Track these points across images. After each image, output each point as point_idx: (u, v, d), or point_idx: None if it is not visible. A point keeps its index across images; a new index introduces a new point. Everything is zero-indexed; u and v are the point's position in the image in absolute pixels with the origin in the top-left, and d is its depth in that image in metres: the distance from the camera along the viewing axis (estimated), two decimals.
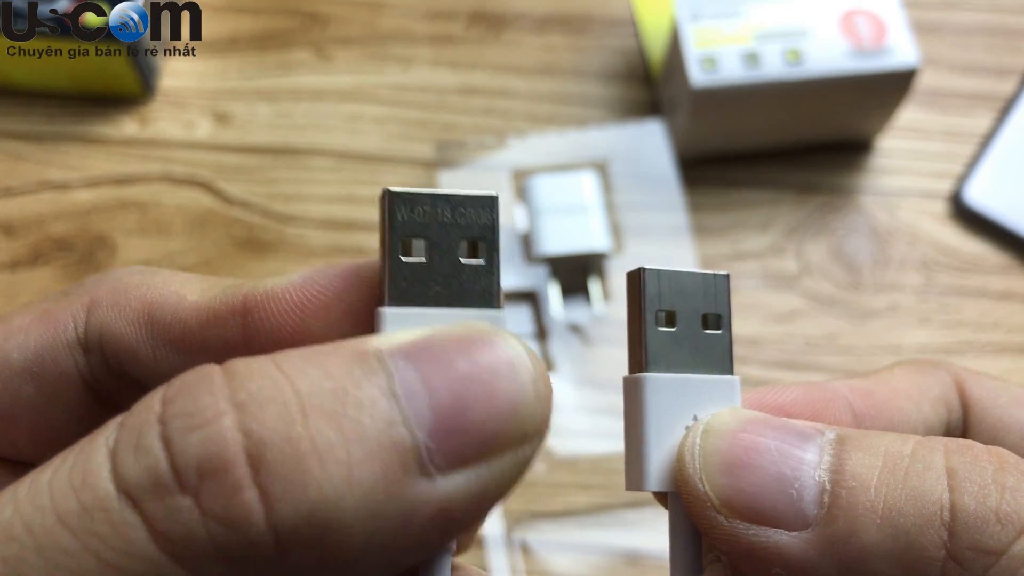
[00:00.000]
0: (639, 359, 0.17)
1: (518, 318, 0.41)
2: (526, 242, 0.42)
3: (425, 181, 0.45)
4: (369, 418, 0.12)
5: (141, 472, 0.11)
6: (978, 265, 0.44)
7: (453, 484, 0.12)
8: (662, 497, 0.17)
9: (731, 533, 0.15)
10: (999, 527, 0.14)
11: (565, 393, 0.40)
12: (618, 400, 0.17)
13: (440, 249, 0.15)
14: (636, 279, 0.17)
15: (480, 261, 0.15)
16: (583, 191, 0.42)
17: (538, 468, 0.38)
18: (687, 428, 0.16)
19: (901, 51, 0.42)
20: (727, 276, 0.17)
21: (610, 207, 0.43)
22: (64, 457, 0.12)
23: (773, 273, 0.43)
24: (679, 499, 0.16)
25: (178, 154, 0.46)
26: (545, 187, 0.42)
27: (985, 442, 0.16)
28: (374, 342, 0.13)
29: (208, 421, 0.11)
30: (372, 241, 0.44)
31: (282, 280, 0.16)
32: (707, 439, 0.15)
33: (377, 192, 0.15)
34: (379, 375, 0.12)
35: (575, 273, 0.42)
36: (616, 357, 0.41)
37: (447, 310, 0.15)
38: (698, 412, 0.17)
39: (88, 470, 0.11)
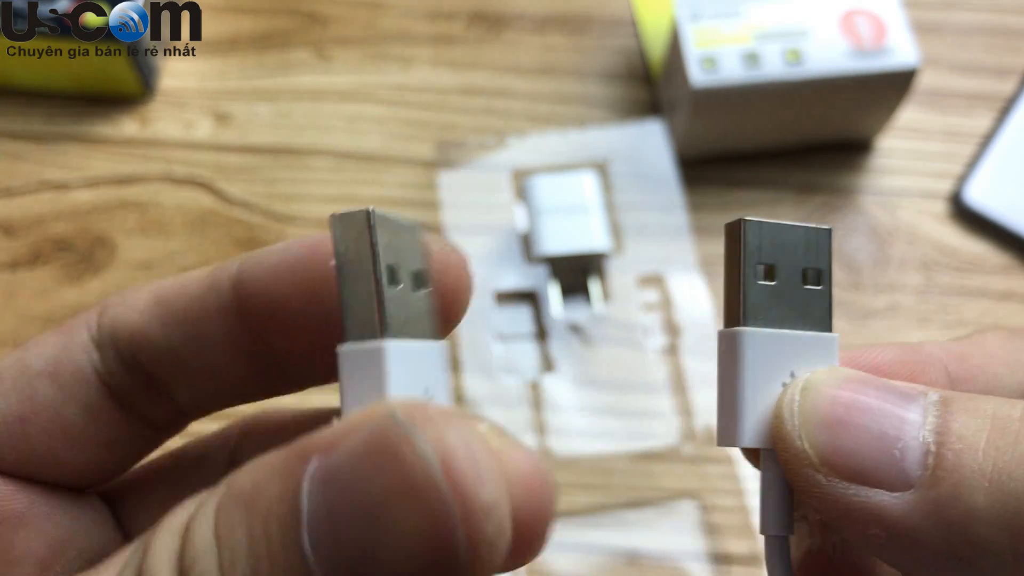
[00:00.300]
0: (736, 312, 0.16)
1: (518, 318, 0.41)
2: (526, 242, 0.42)
3: (425, 181, 0.45)
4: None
5: None
6: (978, 265, 0.44)
7: None
8: (753, 455, 0.17)
9: (829, 492, 0.15)
10: None
11: (565, 393, 0.40)
12: (617, 399, 0.17)
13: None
14: (736, 230, 0.17)
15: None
16: (583, 191, 0.42)
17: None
18: (784, 385, 0.16)
19: (901, 51, 0.42)
20: (830, 230, 0.17)
21: (610, 207, 0.43)
22: None
23: None
24: (774, 457, 0.16)
25: (178, 154, 0.46)
26: (545, 187, 0.42)
27: None
28: (302, 466, 0.12)
29: None
30: None
31: (265, 248, 0.17)
32: (807, 396, 0.15)
33: (377, 192, 0.15)
34: (293, 525, 0.11)
35: (575, 273, 0.42)
36: (616, 357, 0.41)
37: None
38: (796, 369, 0.16)
39: None
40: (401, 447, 0.11)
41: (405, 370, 0.14)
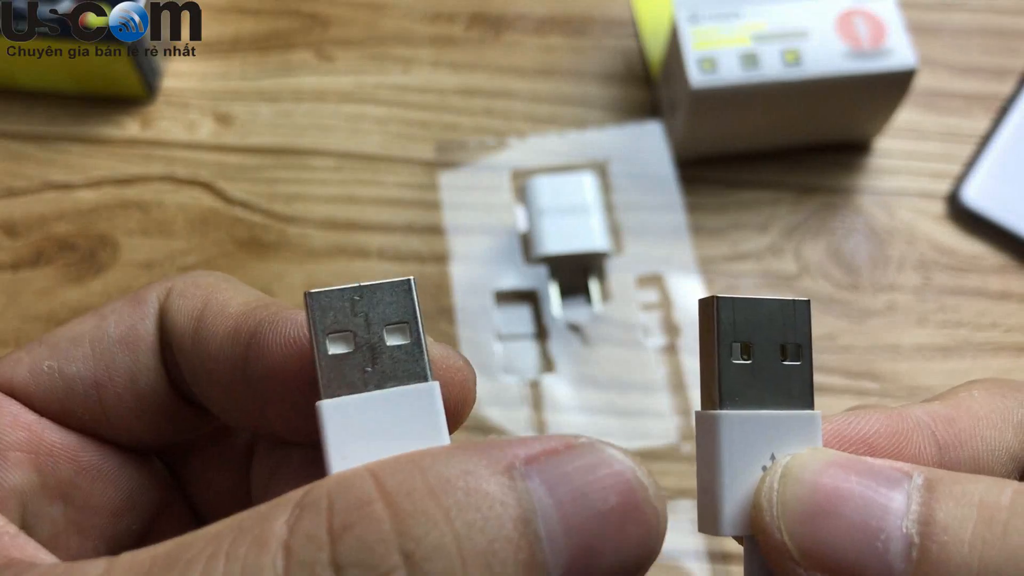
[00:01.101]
0: (713, 394, 0.16)
1: (518, 318, 0.42)
2: (526, 242, 0.42)
3: (426, 181, 0.45)
4: (514, 566, 0.12)
5: None
6: (976, 265, 0.44)
7: None
8: (739, 538, 0.16)
9: None
10: None
11: (565, 393, 0.40)
12: (617, 399, 0.18)
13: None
14: (709, 308, 0.16)
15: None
16: (583, 191, 0.42)
17: None
18: (764, 468, 0.15)
19: (899, 52, 0.42)
20: (807, 303, 0.16)
21: (610, 207, 0.43)
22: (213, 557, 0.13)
23: (772, 273, 0.44)
24: (756, 544, 0.15)
25: (180, 154, 0.46)
26: (545, 187, 0.42)
27: None
28: (511, 460, 0.13)
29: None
30: (372, 241, 0.45)
31: (283, 314, 0.17)
32: (786, 484, 0.15)
33: (378, 192, 0.16)
34: (526, 513, 0.13)
35: (575, 273, 0.42)
36: (616, 357, 0.41)
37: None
38: (776, 451, 0.16)
39: None
40: (628, 477, 0.13)
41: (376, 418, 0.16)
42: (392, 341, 0.16)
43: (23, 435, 0.18)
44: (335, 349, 0.15)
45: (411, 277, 0.16)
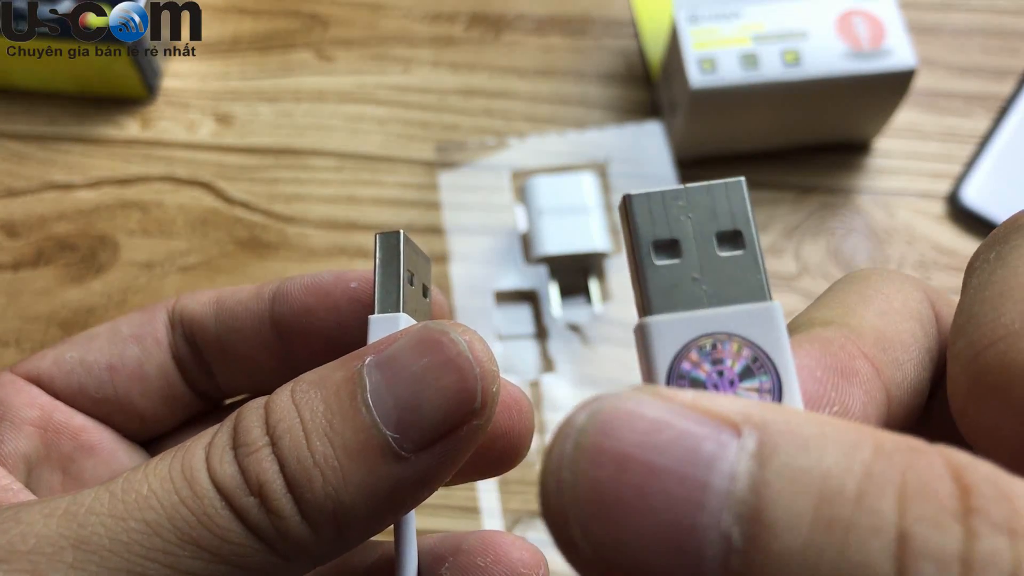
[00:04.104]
0: (641, 303, 0.14)
1: (518, 318, 0.42)
2: (526, 242, 0.43)
3: (426, 181, 0.45)
4: (351, 431, 0.16)
5: (226, 479, 0.16)
6: None
7: (425, 459, 0.16)
8: None
9: None
10: None
11: (565, 393, 0.40)
12: None
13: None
14: (624, 210, 0.14)
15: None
16: (583, 191, 0.42)
17: (537, 467, 0.38)
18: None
19: (899, 52, 0.42)
20: (740, 182, 0.14)
21: (609, 207, 0.43)
22: (161, 460, 0.16)
23: (772, 273, 0.44)
24: None
25: (180, 154, 0.46)
26: (545, 187, 0.42)
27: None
28: (358, 361, 0.16)
29: (254, 451, 0.16)
30: (372, 241, 0.44)
31: (301, 274, 0.22)
32: (578, 455, 0.11)
33: (378, 193, 0.18)
34: (358, 391, 0.16)
35: (575, 273, 0.42)
36: (616, 357, 0.41)
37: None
38: None
39: (192, 466, 0.16)
40: (440, 338, 0.16)
41: None
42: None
43: (36, 413, 0.21)
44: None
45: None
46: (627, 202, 0.14)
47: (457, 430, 0.16)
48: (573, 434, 0.11)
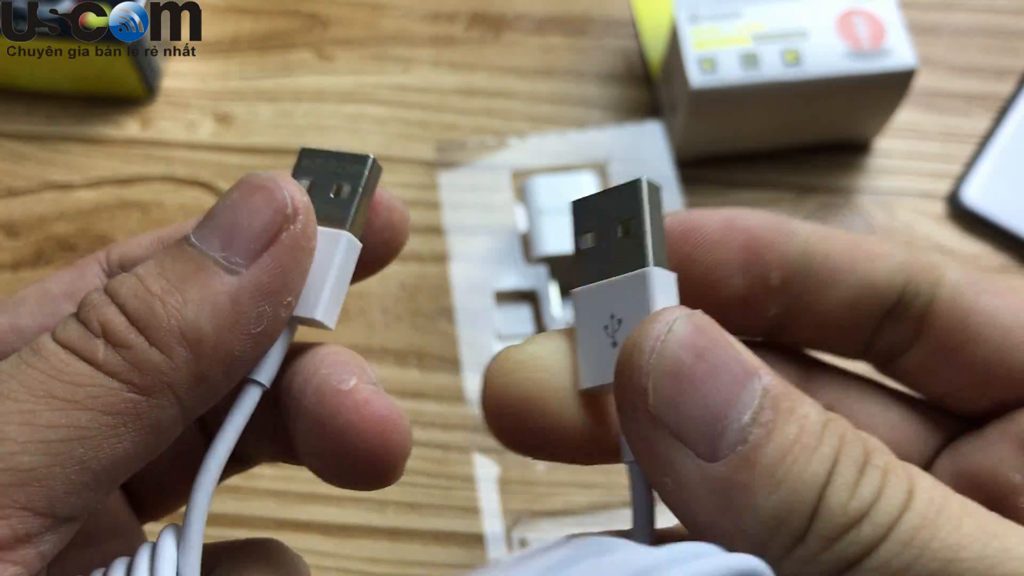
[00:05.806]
0: (574, 278, 0.18)
1: (518, 318, 0.42)
2: (526, 242, 0.42)
3: (426, 181, 0.45)
4: (182, 264, 0.17)
5: (70, 334, 0.17)
6: (976, 265, 0.44)
7: (256, 270, 0.17)
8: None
9: (646, 435, 0.15)
10: (857, 530, 0.14)
11: None
12: None
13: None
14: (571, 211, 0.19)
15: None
16: (583, 191, 0.42)
17: (538, 467, 0.38)
18: (606, 328, 0.17)
19: (899, 52, 0.42)
20: (636, 183, 0.18)
21: None
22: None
23: None
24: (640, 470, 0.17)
25: (180, 154, 0.46)
26: (545, 187, 0.42)
27: (950, 324, 0.18)
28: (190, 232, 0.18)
29: (93, 307, 0.17)
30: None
31: None
32: (671, 337, 0.15)
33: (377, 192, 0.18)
34: (183, 242, 0.18)
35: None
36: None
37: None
38: (615, 312, 0.18)
39: (38, 341, 0.17)
40: (247, 177, 0.19)
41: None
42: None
43: None
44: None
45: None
46: (573, 207, 0.19)
47: (277, 236, 0.18)
48: (671, 320, 0.15)
